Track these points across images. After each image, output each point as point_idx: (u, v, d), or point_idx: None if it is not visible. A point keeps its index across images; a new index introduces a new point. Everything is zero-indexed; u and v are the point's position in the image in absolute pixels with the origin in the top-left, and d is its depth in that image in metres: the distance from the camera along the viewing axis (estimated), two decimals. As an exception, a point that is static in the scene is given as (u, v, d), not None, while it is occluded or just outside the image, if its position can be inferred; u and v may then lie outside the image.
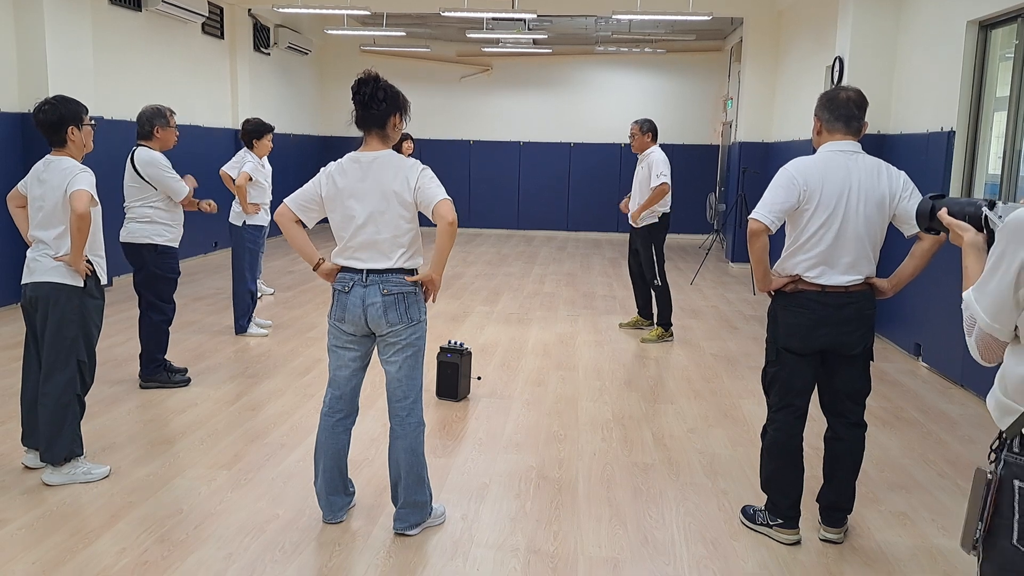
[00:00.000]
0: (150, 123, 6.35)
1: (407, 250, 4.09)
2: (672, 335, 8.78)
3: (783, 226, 4.23)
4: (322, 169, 4.18)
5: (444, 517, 4.46)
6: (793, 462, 4.30)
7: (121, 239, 6.44)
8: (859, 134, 4.19)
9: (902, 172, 4.22)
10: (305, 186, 4.18)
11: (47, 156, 4.82)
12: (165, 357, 6.63)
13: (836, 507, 4.31)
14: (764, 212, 4.10)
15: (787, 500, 4.30)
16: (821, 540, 4.31)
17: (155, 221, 6.37)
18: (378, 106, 4.02)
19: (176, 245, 6.51)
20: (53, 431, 4.74)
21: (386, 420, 5.76)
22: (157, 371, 6.57)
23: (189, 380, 6.69)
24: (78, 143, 4.82)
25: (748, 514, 4.50)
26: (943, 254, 4.41)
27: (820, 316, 4.10)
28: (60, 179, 4.69)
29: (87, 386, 4.93)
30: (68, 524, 4.28)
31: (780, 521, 4.31)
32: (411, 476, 4.24)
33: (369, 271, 4.06)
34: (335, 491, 4.36)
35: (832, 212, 4.04)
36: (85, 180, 4.70)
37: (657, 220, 8.57)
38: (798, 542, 4.29)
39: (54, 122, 4.71)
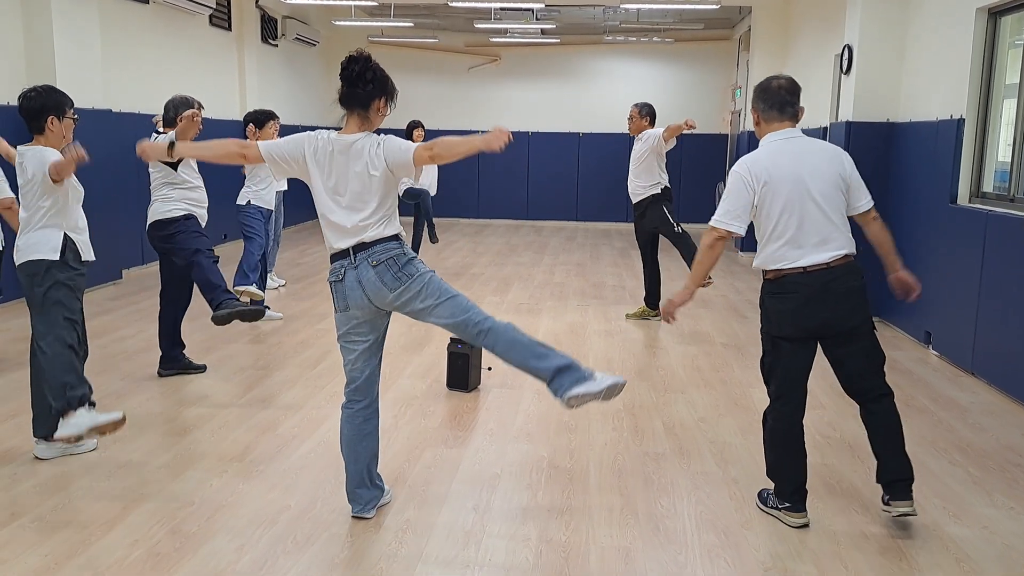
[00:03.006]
0: (175, 110, 6.37)
1: (387, 220, 4.08)
2: (658, 314, 8.93)
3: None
4: (308, 134, 4.15)
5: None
6: (794, 449, 4.34)
7: (149, 219, 6.44)
8: (796, 119, 4.34)
9: (844, 151, 4.33)
10: (286, 140, 4.16)
11: (19, 148, 4.90)
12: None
13: (898, 479, 4.27)
14: (726, 219, 4.24)
15: (791, 486, 4.34)
16: (895, 517, 4.28)
17: (175, 199, 6.38)
18: (364, 86, 4.02)
19: (204, 211, 6.52)
20: (54, 382, 4.79)
21: (396, 412, 5.81)
22: (227, 295, 6.28)
23: (204, 367, 6.74)
24: (56, 134, 4.87)
25: (762, 497, 4.55)
26: (952, 245, 4.40)
27: (806, 296, 4.14)
28: (37, 164, 4.76)
29: (83, 344, 4.99)
30: (80, 516, 4.30)
31: (787, 505, 4.34)
32: (528, 354, 4.02)
33: (355, 250, 4.04)
34: (361, 484, 4.33)
35: (789, 198, 4.13)
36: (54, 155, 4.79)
37: (660, 191, 8.76)
38: (806, 525, 4.32)
39: (36, 109, 4.80)
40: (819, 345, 4.31)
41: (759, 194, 4.16)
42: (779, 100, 4.27)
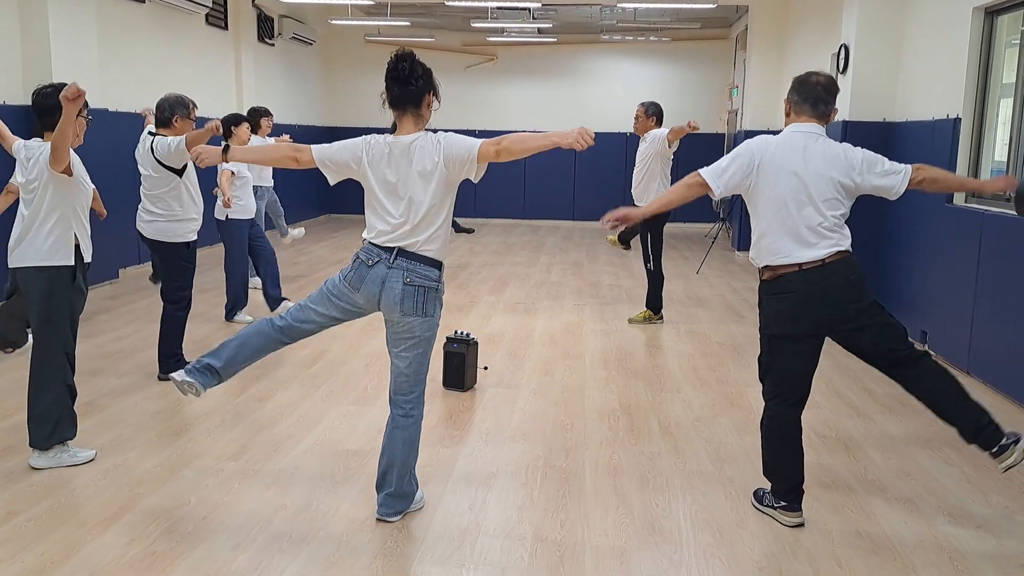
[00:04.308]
0: (171, 110, 6.30)
1: (441, 238, 4.08)
2: (662, 318, 8.95)
3: (749, 217, 4.34)
4: (363, 138, 4.10)
5: (423, 502, 4.47)
6: (791, 448, 4.34)
7: (148, 235, 6.36)
8: (826, 119, 4.30)
9: (861, 149, 4.27)
10: (340, 146, 4.12)
11: (33, 140, 4.87)
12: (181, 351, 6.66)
13: (982, 425, 4.16)
14: (714, 176, 4.26)
15: (787, 484, 4.34)
16: (1004, 469, 4.14)
17: (182, 219, 6.33)
18: (416, 82, 4.00)
19: (195, 235, 6.52)
20: (45, 419, 4.84)
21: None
22: (178, 365, 6.57)
23: None
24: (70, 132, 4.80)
25: (758, 496, 4.55)
26: (948, 245, 4.41)
27: (805, 294, 4.13)
28: (46, 157, 4.71)
29: (72, 369, 5.00)
30: (76, 516, 4.30)
31: (783, 504, 4.35)
32: (404, 467, 4.24)
33: (400, 252, 4.02)
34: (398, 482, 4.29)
35: (787, 191, 4.13)
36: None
37: None
38: (801, 524, 4.32)
39: (51, 106, 4.72)
40: (830, 338, 4.30)
41: (755, 171, 4.15)
42: (813, 96, 4.23)
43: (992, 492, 4.82)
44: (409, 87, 4.00)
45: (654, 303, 8.95)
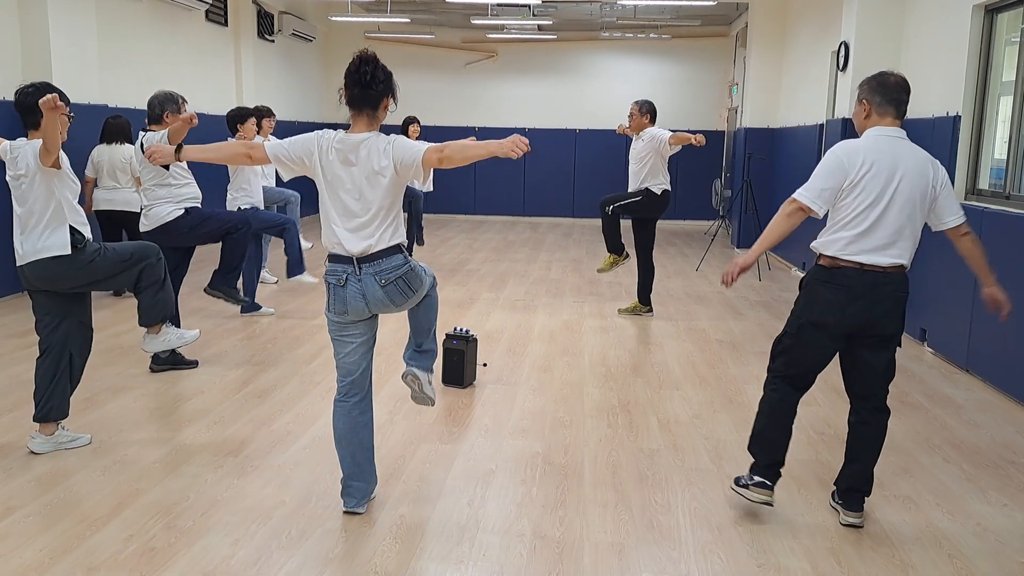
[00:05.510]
0: (161, 107, 6.39)
1: (392, 227, 4.10)
2: (651, 310, 9.18)
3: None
4: (315, 133, 4.12)
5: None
6: (782, 425, 4.37)
7: (151, 226, 6.47)
8: (903, 118, 4.26)
9: (942, 166, 4.26)
10: (292, 141, 4.15)
11: (19, 139, 4.95)
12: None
13: (855, 489, 4.34)
14: (812, 197, 4.17)
15: (767, 459, 4.37)
16: (843, 525, 4.32)
17: (171, 199, 6.45)
18: (376, 87, 4.02)
19: (199, 204, 6.64)
20: (51, 387, 4.97)
21: (391, 407, 5.82)
22: (225, 282, 6.88)
23: (196, 363, 6.79)
24: None
25: (736, 479, 4.53)
26: (948, 242, 4.42)
27: (856, 292, 4.12)
28: (32, 153, 4.80)
29: (86, 351, 5.14)
30: (76, 511, 4.30)
31: (758, 480, 4.35)
32: (426, 323, 4.51)
33: (360, 260, 4.05)
34: (358, 478, 4.32)
35: (878, 195, 4.09)
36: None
37: (659, 192, 8.63)
38: (769, 504, 4.34)
39: (31, 105, 4.80)
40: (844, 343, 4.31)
41: (851, 180, 4.09)
42: (896, 97, 4.20)
43: (990, 489, 4.82)
44: (369, 91, 4.02)
45: (643, 295, 9.06)
